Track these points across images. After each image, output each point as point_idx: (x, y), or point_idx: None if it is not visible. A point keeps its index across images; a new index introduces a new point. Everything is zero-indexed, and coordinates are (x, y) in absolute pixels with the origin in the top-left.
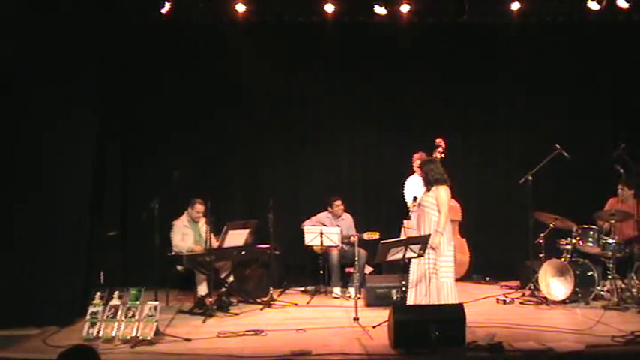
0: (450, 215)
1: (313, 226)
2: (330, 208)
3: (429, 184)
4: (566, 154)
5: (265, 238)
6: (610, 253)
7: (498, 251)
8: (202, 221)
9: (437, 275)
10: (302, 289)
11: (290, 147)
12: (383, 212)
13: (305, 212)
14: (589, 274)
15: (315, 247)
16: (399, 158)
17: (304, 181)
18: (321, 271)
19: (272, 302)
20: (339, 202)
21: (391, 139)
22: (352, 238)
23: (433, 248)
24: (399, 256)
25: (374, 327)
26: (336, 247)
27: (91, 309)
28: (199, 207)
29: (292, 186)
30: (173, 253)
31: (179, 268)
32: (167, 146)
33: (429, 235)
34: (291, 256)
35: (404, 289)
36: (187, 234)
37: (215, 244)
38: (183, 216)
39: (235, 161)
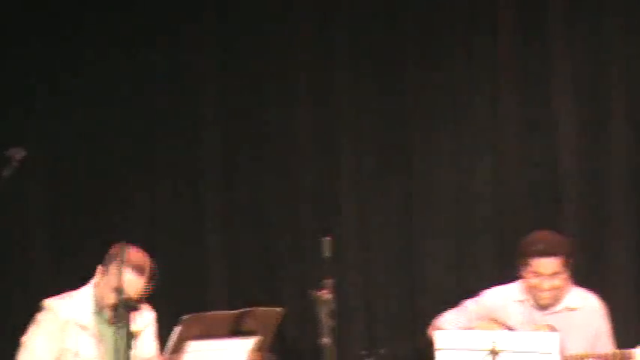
0: None
1: (469, 328)
2: (523, 276)
3: None
4: None
5: None
6: None
7: None
8: (142, 319)
9: None
10: None
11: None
12: None
13: (436, 284)
14: None
15: None
16: None
17: (435, 195)
18: None
19: None
20: (551, 261)
21: None
22: None
23: None
24: None
25: None
26: None
27: None
28: (136, 280)
29: (402, 203)
30: None
31: None
32: None
33: None
34: None
35: None
36: (81, 354)
37: None
38: (78, 294)
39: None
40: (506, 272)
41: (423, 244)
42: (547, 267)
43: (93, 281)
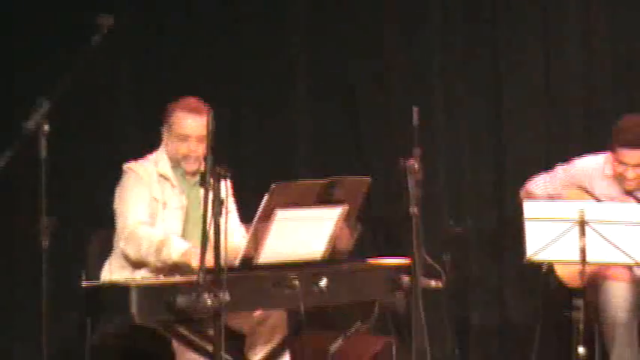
0: None
1: (555, 198)
2: (614, 151)
3: None
4: None
5: (398, 235)
6: None
7: None
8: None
9: None
10: None
11: None
12: None
13: (523, 154)
14: None
15: (560, 270)
16: None
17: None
18: (579, 347)
19: None
20: (637, 153)
21: None
22: None
23: None
24: None
25: None
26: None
27: None
28: (189, 119)
29: (490, 73)
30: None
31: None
32: None
33: None
34: (483, 291)
35: None
36: (168, 204)
37: (236, 249)
38: (153, 155)
39: None
40: (595, 145)
41: (511, 114)
42: (632, 158)
43: (162, 144)
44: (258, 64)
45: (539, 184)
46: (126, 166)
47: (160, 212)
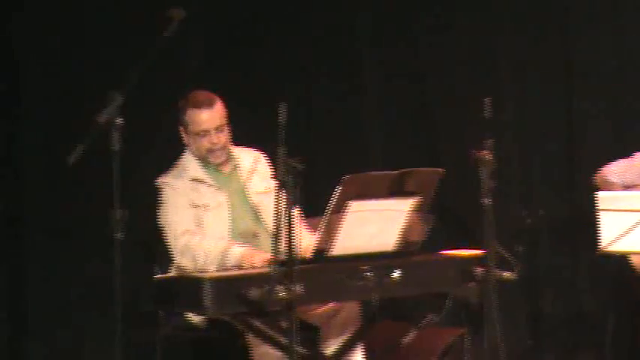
0: None
1: (631, 188)
2: None
3: None
4: None
5: (470, 226)
6: None
7: None
8: (244, 160)
9: None
10: None
11: None
12: None
13: (595, 143)
14: None
15: (636, 259)
16: None
17: None
18: None
19: None
20: None
21: None
22: None
23: None
24: None
25: None
26: None
27: None
28: (203, 114)
29: (559, 65)
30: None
31: (194, 319)
32: None
33: None
34: (556, 281)
35: None
36: (209, 206)
37: (306, 243)
38: (181, 161)
39: None
40: None
41: (583, 102)
42: None
43: (186, 145)
44: (328, 57)
45: (615, 170)
46: (159, 181)
47: (204, 216)
